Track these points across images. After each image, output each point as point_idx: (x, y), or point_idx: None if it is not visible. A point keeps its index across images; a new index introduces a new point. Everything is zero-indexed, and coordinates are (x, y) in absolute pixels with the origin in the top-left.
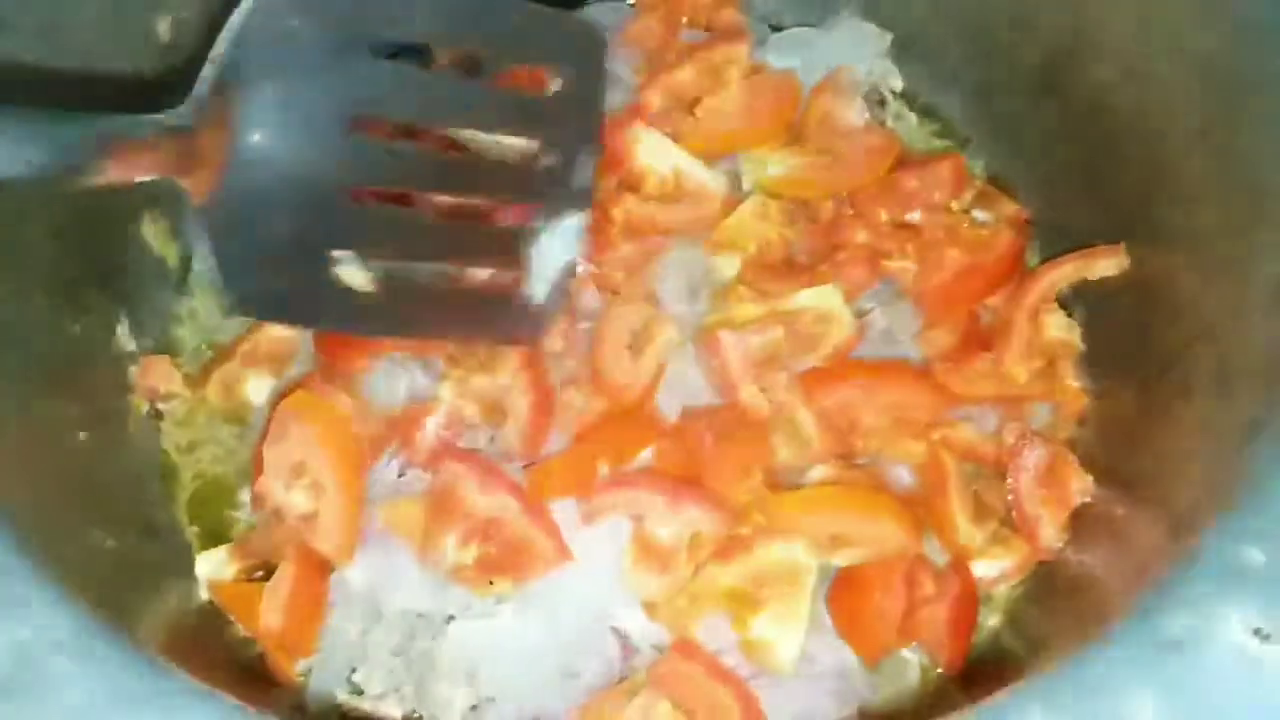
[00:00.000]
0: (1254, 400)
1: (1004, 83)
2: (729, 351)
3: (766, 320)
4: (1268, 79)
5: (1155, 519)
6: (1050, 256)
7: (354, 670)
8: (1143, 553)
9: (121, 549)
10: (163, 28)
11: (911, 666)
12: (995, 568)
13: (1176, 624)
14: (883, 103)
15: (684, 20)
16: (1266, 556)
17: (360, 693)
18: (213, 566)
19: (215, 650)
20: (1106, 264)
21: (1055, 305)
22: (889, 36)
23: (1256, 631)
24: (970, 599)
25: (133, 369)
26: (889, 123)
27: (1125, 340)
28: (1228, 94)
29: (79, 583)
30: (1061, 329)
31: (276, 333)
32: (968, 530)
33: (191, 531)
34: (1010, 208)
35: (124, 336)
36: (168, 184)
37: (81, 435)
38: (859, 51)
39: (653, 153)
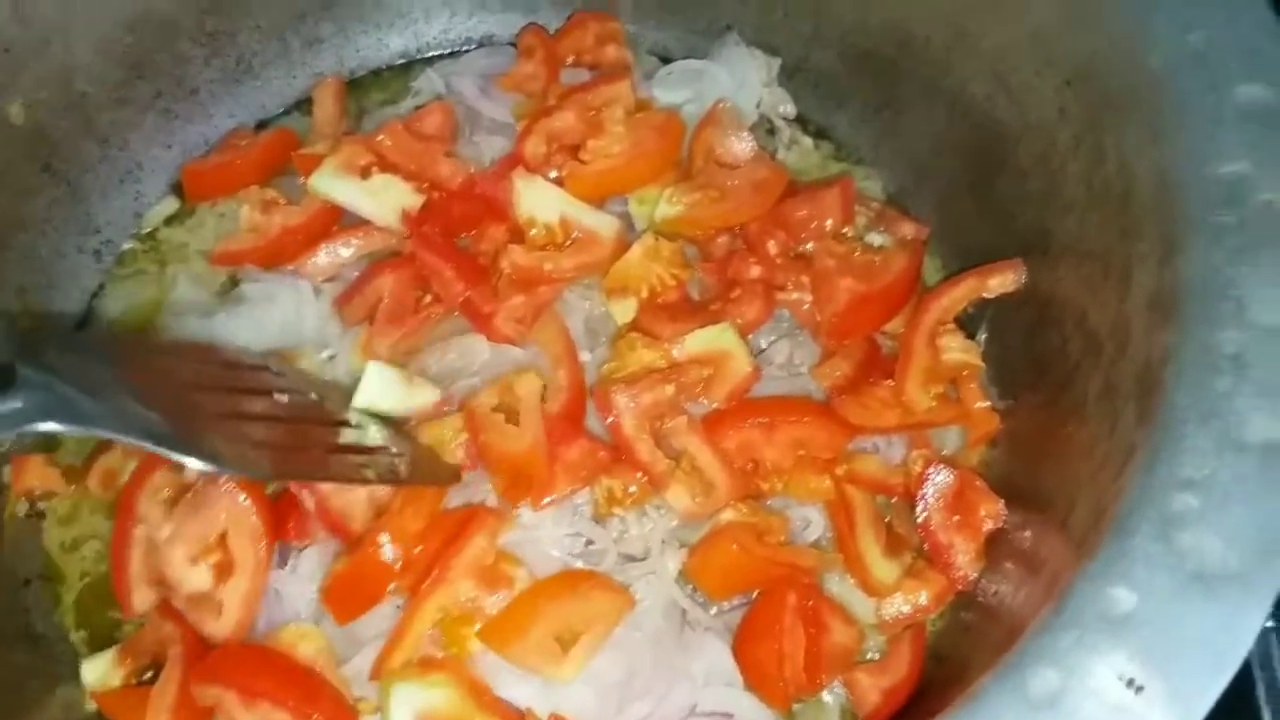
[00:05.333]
0: (1129, 424)
1: (892, 100)
2: (622, 414)
3: (656, 377)
4: (1134, 88)
5: (1063, 544)
6: (953, 274)
7: None
8: (1052, 579)
9: None
10: (15, 111)
11: (830, 714)
12: (913, 601)
13: (1045, 680)
14: (772, 131)
15: (569, 60)
16: (1137, 597)
17: None
18: (99, 672)
19: None
20: (1003, 280)
21: (953, 327)
22: (777, 62)
23: (1130, 682)
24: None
25: (6, 469)
26: (782, 150)
27: (1027, 358)
28: (1096, 103)
29: None
30: (961, 350)
31: None
32: (881, 566)
33: (78, 636)
34: (909, 227)
35: None
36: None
37: None
38: (748, 79)
39: (536, 201)
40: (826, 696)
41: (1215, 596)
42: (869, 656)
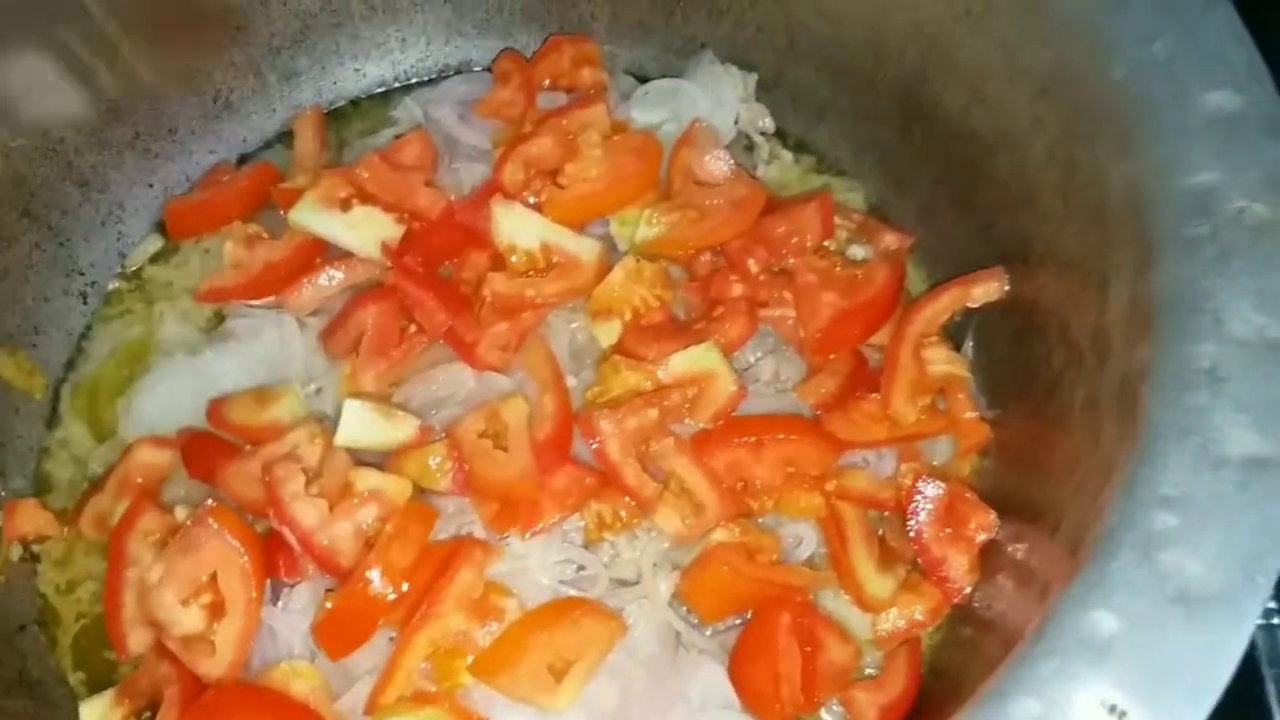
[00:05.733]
0: (1110, 441)
1: (870, 112)
2: (607, 438)
3: (640, 401)
4: (1101, 98)
5: (1053, 559)
6: (939, 284)
7: None
8: (1041, 594)
9: None
10: None
11: None
12: (908, 616)
13: (1025, 710)
14: (751, 147)
15: (545, 83)
16: (1119, 621)
17: None
18: (97, 715)
19: None
20: (985, 289)
21: (938, 339)
22: (753, 78)
23: (1112, 709)
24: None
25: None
26: (761, 167)
27: (1014, 367)
28: (1068, 113)
29: None
30: (946, 362)
31: (146, 458)
32: (875, 581)
33: (76, 678)
34: (892, 238)
35: None
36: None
37: None
38: (725, 96)
39: (515, 227)
40: (825, 716)
41: (1197, 619)
42: (867, 673)
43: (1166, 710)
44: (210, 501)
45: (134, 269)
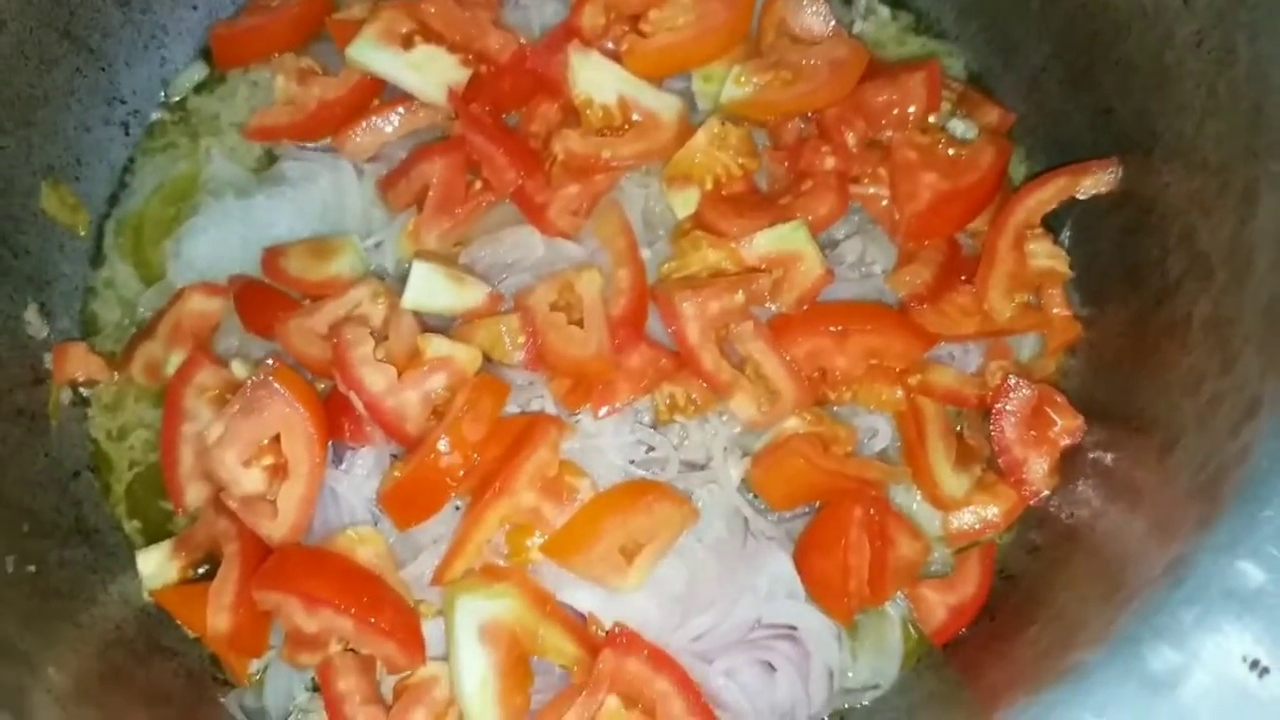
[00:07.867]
0: (1252, 370)
1: None
2: (688, 322)
3: (724, 284)
4: None
5: (1162, 480)
6: (1037, 172)
7: None
8: (1138, 498)
9: (44, 569)
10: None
11: (893, 624)
12: (981, 516)
13: (1162, 657)
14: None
15: None
16: (1265, 573)
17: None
18: (155, 565)
19: (162, 656)
20: (1097, 180)
21: (1041, 230)
22: None
23: (1254, 664)
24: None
25: (47, 356)
26: (858, 22)
27: (1118, 265)
28: None
29: None
30: (1048, 257)
31: (198, 306)
32: (951, 479)
33: (131, 526)
34: (994, 113)
35: (34, 323)
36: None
37: None
38: None
39: (593, 79)
40: (889, 609)
41: None
42: (933, 569)
43: None
44: (271, 361)
45: (178, 98)
